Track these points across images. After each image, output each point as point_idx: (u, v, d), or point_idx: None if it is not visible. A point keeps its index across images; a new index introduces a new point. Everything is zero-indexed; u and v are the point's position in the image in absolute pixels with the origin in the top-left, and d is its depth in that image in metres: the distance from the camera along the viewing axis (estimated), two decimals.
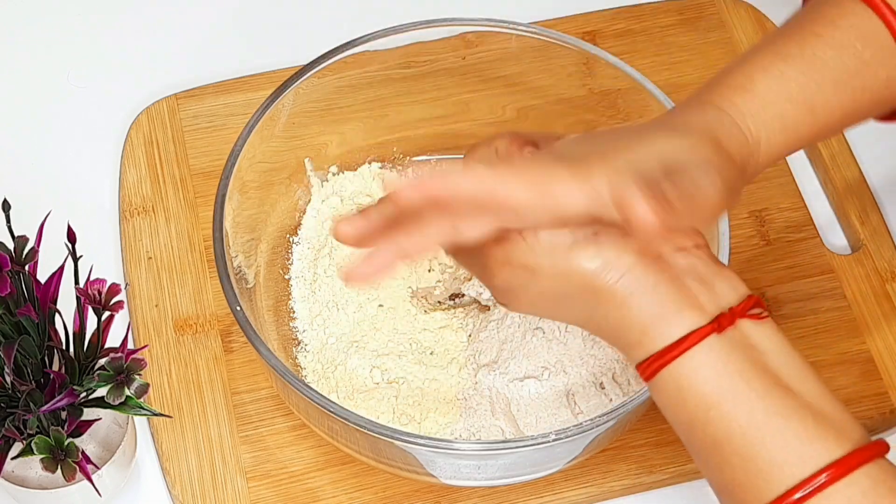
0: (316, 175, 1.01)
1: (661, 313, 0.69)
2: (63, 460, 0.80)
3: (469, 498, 0.92)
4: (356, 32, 0.97)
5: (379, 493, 0.93)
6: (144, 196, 1.03)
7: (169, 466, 0.93)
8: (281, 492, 0.92)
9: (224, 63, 1.10)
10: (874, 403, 0.96)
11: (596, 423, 0.82)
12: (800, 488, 0.66)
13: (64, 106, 1.09)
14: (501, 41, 0.98)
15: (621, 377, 0.91)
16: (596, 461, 0.93)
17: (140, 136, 1.05)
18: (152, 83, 1.09)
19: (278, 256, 0.99)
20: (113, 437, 0.88)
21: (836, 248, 1.03)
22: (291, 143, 0.98)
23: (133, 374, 0.80)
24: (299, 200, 1.01)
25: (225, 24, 1.14)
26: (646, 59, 1.10)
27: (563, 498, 0.93)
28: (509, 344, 0.92)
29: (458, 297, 0.97)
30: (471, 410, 0.92)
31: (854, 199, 1.04)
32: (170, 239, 1.01)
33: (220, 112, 1.07)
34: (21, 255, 0.82)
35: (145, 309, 0.99)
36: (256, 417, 0.95)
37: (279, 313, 0.97)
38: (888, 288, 1.00)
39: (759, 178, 1.04)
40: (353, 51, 0.96)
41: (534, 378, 0.91)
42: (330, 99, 0.98)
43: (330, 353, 0.94)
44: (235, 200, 0.92)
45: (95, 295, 0.82)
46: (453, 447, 0.83)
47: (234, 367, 0.97)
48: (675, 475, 0.94)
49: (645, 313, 0.69)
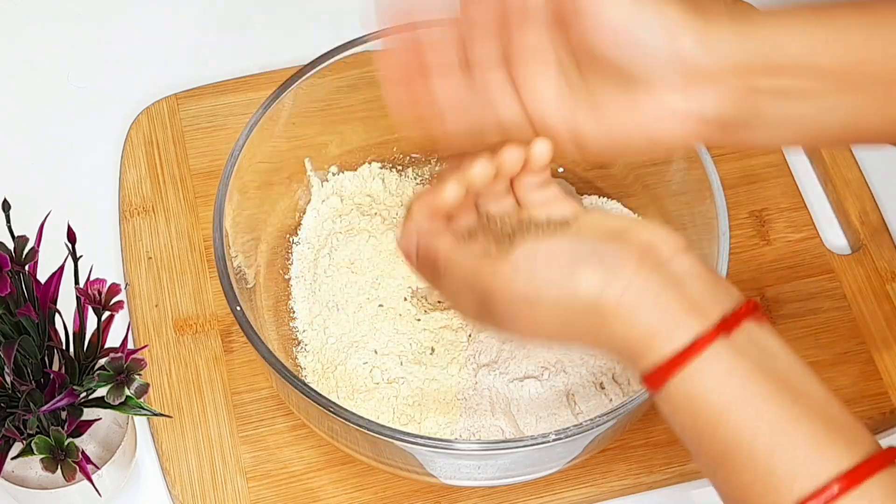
0: (316, 175, 1.01)
1: (667, 321, 0.68)
2: (63, 460, 0.80)
3: (469, 498, 0.92)
4: (356, 32, 0.97)
5: (379, 493, 0.93)
6: (144, 196, 1.03)
7: (169, 466, 0.93)
8: (281, 492, 0.92)
9: (224, 63, 1.10)
10: (874, 403, 0.96)
11: (596, 423, 0.82)
12: (811, 499, 0.65)
13: (64, 106, 1.09)
14: None
15: (621, 377, 0.91)
16: (596, 461, 0.93)
17: (140, 136, 1.05)
18: (152, 83, 1.09)
19: (278, 256, 0.99)
20: (113, 437, 0.88)
21: (836, 248, 1.03)
22: (291, 143, 0.98)
23: (133, 374, 0.80)
24: (299, 200, 1.01)
25: (225, 25, 1.14)
26: None
27: (563, 498, 0.93)
28: (509, 344, 0.92)
29: None
30: (471, 410, 0.92)
31: (854, 199, 1.04)
32: (170, 239, 1.01)
33: (220, 112, 1.07)
34: (21, 255, 0.82)
35: (145, 309, 0.99)
36: (256, 417, 0.95)
37: (279, 313, 0.97)
38: (888, 288, 1.00)
39: (759, 178, 1.05)
40: (353, 51, 0.96)
41: (534, 378, 0.91)
42: (330, 99, 0.98)
43: (330, 353, 0.94)
44: (235, 200, 0.92)
45: (95, 295, 0.82)
46: (453, 447, 0.83)
47: (234, 367, 0.97)
48: (675, 475, 0.94)
49: (651, 324, 0.68)
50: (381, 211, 1.00)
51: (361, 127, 1.01)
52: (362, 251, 0.97)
